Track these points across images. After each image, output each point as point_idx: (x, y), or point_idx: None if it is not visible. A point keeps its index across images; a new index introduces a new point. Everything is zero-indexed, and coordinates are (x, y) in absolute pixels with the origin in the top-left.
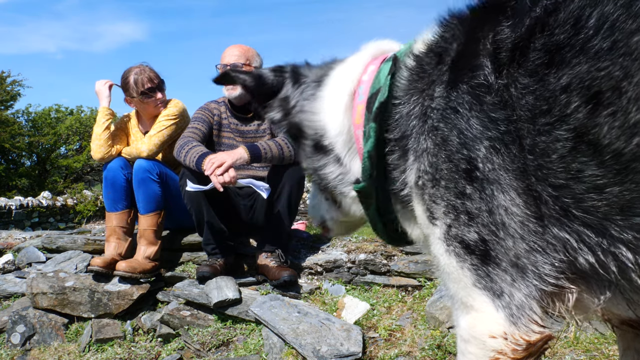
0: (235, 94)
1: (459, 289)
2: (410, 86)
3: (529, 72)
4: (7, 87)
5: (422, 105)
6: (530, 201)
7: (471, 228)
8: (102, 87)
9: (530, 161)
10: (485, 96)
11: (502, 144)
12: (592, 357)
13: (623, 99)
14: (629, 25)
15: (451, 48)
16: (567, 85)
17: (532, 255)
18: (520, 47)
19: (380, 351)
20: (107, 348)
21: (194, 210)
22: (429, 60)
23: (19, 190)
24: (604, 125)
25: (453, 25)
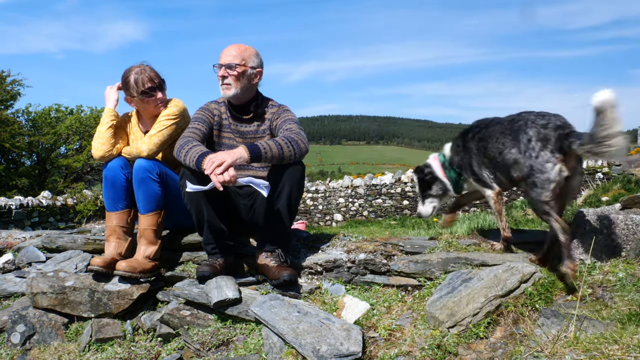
0: (230, 93)
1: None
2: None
3: (475, 142)
4: (7, 87)
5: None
6: (484, 167)
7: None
8: (111, 90)
9: (478, 159)
10: (472, 147)
11: (476, 156)
12: (592, 357)
13: (488, 148)
14: (491, 135)
15: (460, 141)
16: (482, 145)
17: (489, 174)
18: (474, 138)
19: (380, 351)
20: (107, 348)
21: (193, 210)
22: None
23: (19, 189)
24: (489, 151)
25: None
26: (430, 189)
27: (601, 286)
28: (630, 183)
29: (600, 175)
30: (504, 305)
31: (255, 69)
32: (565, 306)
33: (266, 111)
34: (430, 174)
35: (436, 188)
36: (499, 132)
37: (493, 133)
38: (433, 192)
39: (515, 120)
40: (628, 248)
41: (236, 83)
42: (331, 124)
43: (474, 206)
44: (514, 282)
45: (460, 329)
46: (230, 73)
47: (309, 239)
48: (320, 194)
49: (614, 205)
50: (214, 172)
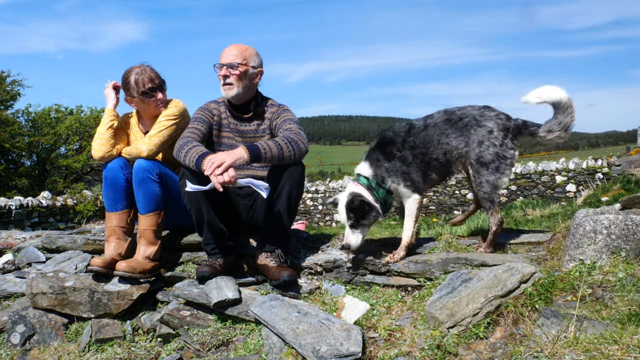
0: (232, 93)
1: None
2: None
3: (408, 151)
4: (6, 87)
5: (379, 171)
6: (420, 173)
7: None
8: (110, 90)
9: (416, 166)
10: (407, 155)
11: (414, 164)
12: (592, 358)
13: (429, 153)
14: (429, 140)
15: (380, 154)
16: (420, 152)
17: (419, 177)
18: (404, 147)
19: (380, 351)
20: (107, 348)
21: (193, 210)
22: (373, 163)
23: (18, 190)
24: (431, 154)
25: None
26: (364, 218)
27: (601, 286)
28: (630, 183)
29: (600, 176)
30: (503, 305)
31: (256, 68)
32: (565, 306)
33: (266, 111)
34: (367, 204)
35: (370, 216)
36: (439, 134)
37: (431, 137)
38: (366, 222)
39: (460, 119)
40: (628, 248)
41: (238, 82)
42: (331, 124)
43: None
44: (514, 282)
45: (460, 329)
46: (232, 72)
47: (309, 239)
48: (320, 194)
49: (613, 206)
50: (214, 172)
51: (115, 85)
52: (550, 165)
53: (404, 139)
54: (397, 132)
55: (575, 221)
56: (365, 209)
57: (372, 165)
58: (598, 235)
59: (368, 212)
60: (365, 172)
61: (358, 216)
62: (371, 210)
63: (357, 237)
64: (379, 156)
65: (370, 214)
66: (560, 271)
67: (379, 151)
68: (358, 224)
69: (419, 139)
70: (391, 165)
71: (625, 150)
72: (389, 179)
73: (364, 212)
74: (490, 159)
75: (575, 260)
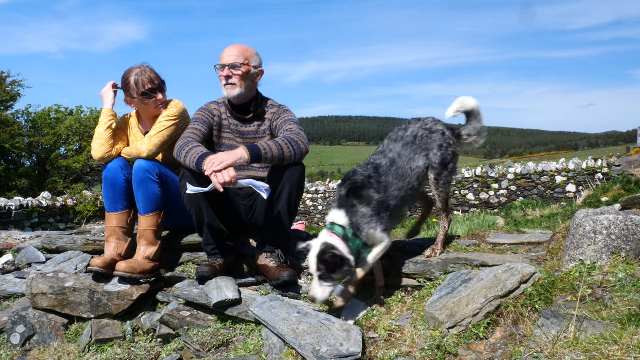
0: (235, 93)
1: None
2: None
3: (384, 190)
4: (6, 88)
5: (355, 218)
6: (395, 209)
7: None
8: (107, 90)
9: (388, 207)
10: (373, 203)
11: (395, 206)
12: (592, 358)
13: (405, 186)
14: (402, 174)
15: (355, 200)
16: (392, 192)
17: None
18: (379, 191)
19: (380, 351)
20: (107, 348)
21: (194, 210)
22: (349, 210)
23: (18, 190)
24: (408, 187)
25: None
26: (334, 272)
27: (601, 287)
28: (630, 184)
29: (600, 176)
30: (503, 305)
31: (257, 68)
32: (565, 307)
33: (266, 111)
34: (340, 257)
35: (342, 270)
36: (408, 161)
37: (404, 170)
38: (337, 276)
39: (414, 137)
40: (628, 248)
41: (241, 83)
42: (331, 125)
43: (473, 207)
44: (514, 282)
45: (460, 330)
46: (235, 73)
47: (309, 239)
48: (320, 195)
49: (613, 206)
50: (215, 173)
51: (114, 85)
52: (550, 165)
53: (378, 180)
54: (366, 174)
55: (575, 221)
56: (337, 263)
57: (349, 214)
58: (598, 236)
59: (340, 266)
60: (340, 221)
61: (329, 269)
62: (344, 264)
63: (324, 290)
64: (354, 202)
65: (342, 268)
66: (560, 271)
67: (354, 197)
68: (328, 277)
69: (391, 177)
70: (368, 210)
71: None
72: (366, 226)
73: (336, 266)
74: (450, 158)
75: (575, 261)
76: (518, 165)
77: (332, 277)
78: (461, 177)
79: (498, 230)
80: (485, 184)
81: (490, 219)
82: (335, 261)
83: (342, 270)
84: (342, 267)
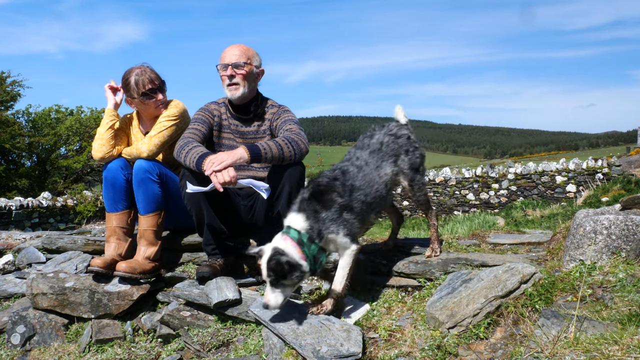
0: (238, 93)
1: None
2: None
3: (348, 198)
4: (7, 88)
5: (316, 224)
6: (359, 215)
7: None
8: (108, 89)
9: (360, 214)
10: (335, 207)
11: (359, 212)
12: (592, 358)
13: (373, 192)
14: (369, 181)
15: (318, 206)
16: (362, 194)
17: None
18: (344, 195)
19: (380, 351)
20: (107, 348)
21: (194, 210)
22: (310, 214)
23: (19, 190)
24: (375, 193)
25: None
26: (284, 278)
27: (601, 287)
28: (630, 184)
29: (600, 176)
30: (504, 305)
31: (258, 68)
32: (566, 307)
33: (266, 111)
34: (288, 263)
35: (293, 277)
36: (376, 168)
37: (371, 176)
38: (287, 282)
39: (380, 144)
40: (628, 248)
41: (244, 82)
42: (331, 125)
43: (474, 207)
44: (514, 282)
45: (460, 330)
46: (238, 72)
47: None
48: None
49: (614, 206)
50: (214, 172)
51: (111, 86)
52: (551, 165)
53: (343, 183)
54: (331, 177)
55: (576, 222)
56: (285, 269)
57: (309, 218)
58: (598, 236)
59: (289, 272)
60: (297, 225)
61: (278, 275)
62: (293, 271)
63: (277, 296)
64: (317, 207)
65: (292, 274)
66: (560, 271)
67: (316, 200)
68: (278, 283)
69: (358, 182)
70: (331, 214)
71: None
72: (326, 230)
73: (285, 272)
74: (419, 161)
75: (575, 261)
76: (518, 165)
77: (283, 284)
78: (461, 177)
79: (498, 230)
80: (485, 184)
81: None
82: (284, 267)
83: (292, 276)
84: (292, 273)
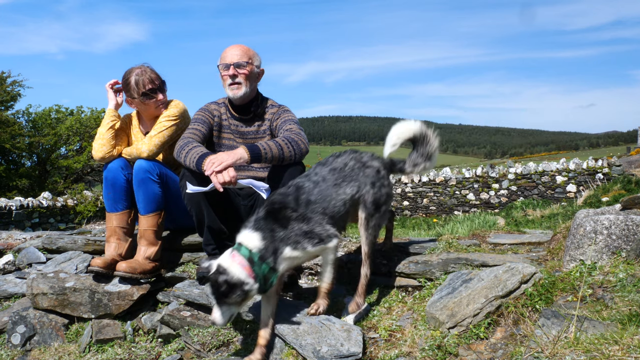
0: (241, 93)
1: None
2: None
3: (305, 206)
4: (7, 88)
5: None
6: (321, 220)
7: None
8: (109, 89)
9: (309, 221)
10: (292, 216)
11: (310, 220)
12: (593, 358)
13: (329, 208)
14: (324, 196)
15: (274, 224)
16: (314, 209)
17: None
18: (300, 204)
19: (380, 351)
20: (108, 348)
21: (194, 211)
22: (267, 234)
23: (19, 190)
24: (330, 210)
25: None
26: (226, 297)
27: (601, 287)
28: (631, 183)
29: (600, 176)
30: (504, 305)
31: (258, 67)
32: (566, 307)
33: (266, 111)
34: (226, 282)
35: (234, 296)
36: (333, 186)
37: (327, 192)
38: (230, 301)
39: (344, 165)
40: (628, 248)
41: (246, 82)
42: (331, 125)
43: (474, 207)
44: (515, 282)
45: (460, 330)
46: (240, 72)
47: None
48: None
49: (614, 206)
50: (214, 173)
51: (112, 85)
52: (551, 165)
53: (297, 197)
54: (285, 193)
55: (576, 221)
56: (226, 288)
57: (265, 238)
58: (598, 236)
59: (230, 292)
60: (250, 244)
61: (220, 293)
62: (233, 290)
63: (223, 314)
64: (273, 226)
65: (233, 294)
66: (560, 271)
67: (272, 220)
68: (222, 301)
69: (314, 196)
70: (288, 231)
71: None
72: (286, 248)
73: (227, 291)
74: (383, 200)
75: (575, 261)
76: (518, 165)
77: (226, 302)
78: (461, 177)
79: (498, 230)
80: (485, 184)
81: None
82: (222, 287)
83: (233, 296)
84: (233, 293)
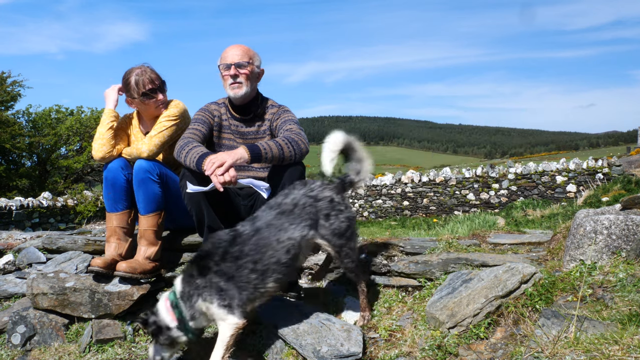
0: (242, 92)
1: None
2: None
3: (232, 263)
4: (7, 88)
5: (189, 288)
6: (244, 283)
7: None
8: (111, 90)
9: (230, 279)
10: (228, 270)
11: (237, 278)
12: (593, 358)
13: (265, 258)
14: (263, 245)
15: (195, 270)
16: (249, 260)
17: (243, 295)
18: (226, 260)
19: (380, 351)
20: (108, 348)
21: (194, 210)
22: (186, 278)
23: (19, 190)
24: (268, 259)
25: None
26: (156, 337)
27: (601, 287)
28: (631, 183)
29: (600, 176)
30: (504, 305)
31: (259, 68)
32: (566, 307)
33: (266, 111)
34: (155, 323)
35: (162, 338)
36: (277, 232)
37: (266, 240)
38: (161, 342)
39: (294, 205)
40: (628, 248)
41: (247, 82)
42: (331, 125)
43: (474, 207)
44: (514, 282)
45: (460, 330)
46: (241, 72)
47: None
48: None
49: (614, 206)
50: (215, 172)
51: (120, 88)
52: (551, 165)
53: (226, 249)
54: (217, 243)
55: (576, 221)
56: (152, 330)
57: (184, 282)
58: (598, 236)
59: (157, 333)
60: (176, 287)
61: (151, 334)
62: (160, 332)
63: (157, 352)
64: (193, 272)
65: (160, 336)
66: (560, 271)
67: (195, 266)
68: (155, 341)
69: (248, 247)
70: (204, 281)
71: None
72: (199, 298)
73: (153, 332)
74: (345, 227)
75: (575, 261)
76: (518, 165)
77: (158, 342)
78: (461, 177)
79: (498, 230)
80: (485, 184)
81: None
82: (151, 327)
83: (161, 338)
84: (160, 335)
